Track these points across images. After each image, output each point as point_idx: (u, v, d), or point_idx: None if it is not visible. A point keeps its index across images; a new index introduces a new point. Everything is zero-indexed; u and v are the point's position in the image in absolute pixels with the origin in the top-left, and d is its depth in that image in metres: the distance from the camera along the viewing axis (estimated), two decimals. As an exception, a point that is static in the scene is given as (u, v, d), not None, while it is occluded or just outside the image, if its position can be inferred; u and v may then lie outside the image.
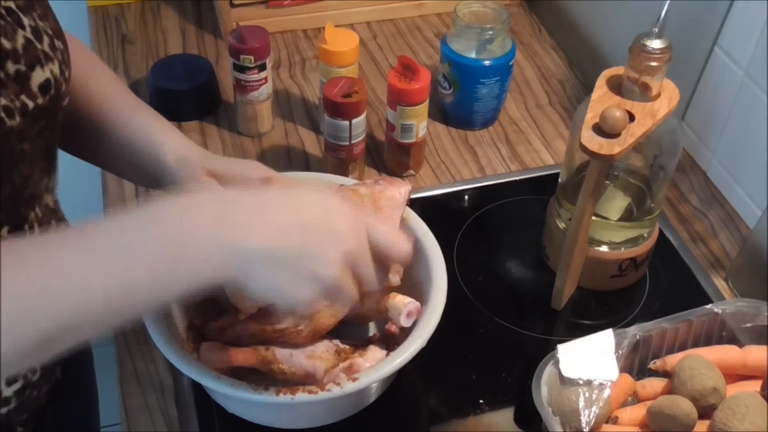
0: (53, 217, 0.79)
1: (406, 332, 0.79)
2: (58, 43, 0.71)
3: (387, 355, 0.78)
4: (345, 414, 0.81)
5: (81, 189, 1.31)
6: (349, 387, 0.72)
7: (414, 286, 0.84)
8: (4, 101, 0.64)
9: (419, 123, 1.06)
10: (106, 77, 0.85)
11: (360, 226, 0.63)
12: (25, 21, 0.67)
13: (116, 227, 0.58)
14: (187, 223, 0.58)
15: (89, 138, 0.82)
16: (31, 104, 0.67)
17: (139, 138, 0.80)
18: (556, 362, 0.78)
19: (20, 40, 0.65)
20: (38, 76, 0.67)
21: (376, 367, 0.75)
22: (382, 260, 0.67)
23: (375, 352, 0.79)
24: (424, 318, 0.78)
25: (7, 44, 0.64)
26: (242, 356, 0.78)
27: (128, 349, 0.90)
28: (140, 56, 1.30)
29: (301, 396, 0.72)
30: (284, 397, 0.71)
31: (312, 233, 0.60)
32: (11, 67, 0.64)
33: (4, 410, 0.77)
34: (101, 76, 0.84)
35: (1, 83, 0.64)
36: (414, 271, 0.84)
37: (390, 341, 0.82)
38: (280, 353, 0.78)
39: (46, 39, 0.69)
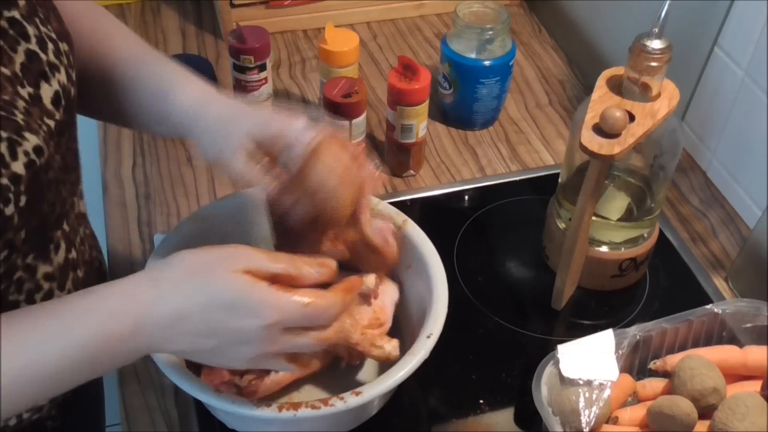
0: (82, 224, 0.79)
1: (407, 333, 0.79)
2: (62, 46, 0.69)
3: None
4: (347, 427, 0.80)
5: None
6: (353, 401, 0.72)
7: (414, 296, 0.84)
8: (35, 140, 0.62)
9: (419, 123, 1.06)
10: (121, 31, 0.82)
11: (271, 328, 0.62)
12: (30, 30, 0.65)
13: (40, 338, 0.61)
14: (106, 336, 0.61)
15: (107, 92, 0.79)
16: (52, 123, 0.66)
17: (160, 83, 0.77)
18: (556, 362, 0.78)
19: (20, 59, 0.63)
20: (47, 91, 0.65)
21: (379, 380, 0.74)
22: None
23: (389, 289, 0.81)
24: (426, 328, 0.77)
25: (6, 71, 0.62)
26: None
27: (128, 349, 0.90)
28: (140, 56, 1.30)
29: (305, 411, 0.71)
30: (287, 413, 0.70)
31: (222, 338, 0.63)
32: (24, 92, 0.63)
33: (36, 416, 0.79)
34: (116, 30, 0.82)
35: (28, 112, 0.62)
36: (414, 281, 0.84)
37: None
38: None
39: (50, 46, 0.67)
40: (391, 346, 0.77)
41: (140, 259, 1.00)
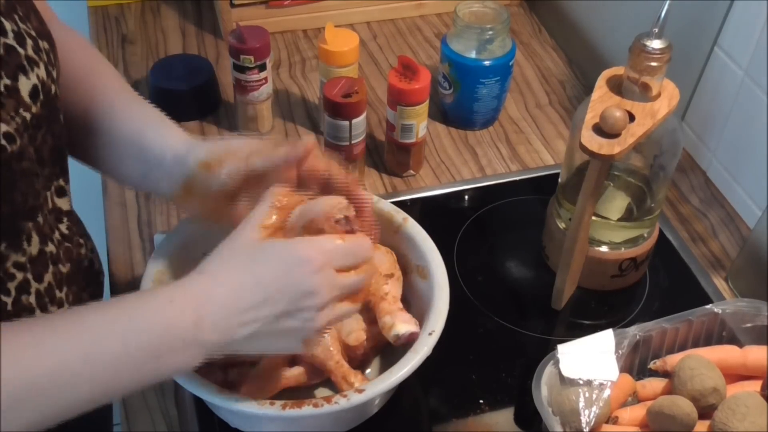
0: (63, 221, 0.78)
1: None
2: (42, 44, 0.69)
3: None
4: (348, 426, 0.80)
5: (81, 189, 1.31)
6: (356, 399, 0.72)
7: (415, 294, 0.84)
8: (5, 127, 0.63)
9: (419, 123, 1.06)
10: (108, 72, 0.83)
11: (323, 270, 0.66)
12: (7, 26, 0.65)
13: (102, 322, 0.61)
14: (167, 324, 0.62)
15: (86, 135, 0.80)
16: (28, 116, 0.66)
17: (140, 129, 0.78)
18: (556, 362, 0.78)
19: None
20: (25, 84, 0.66)
21: (382, 377, 0.74)
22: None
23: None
24: (428, 325, 0.77)
25: None
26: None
27: (128, 349, 0.90)
28: (140, 56, 1.30)
29: (308, 409, 0.71)
30: (291, 411, 0.71)
31: (287, 298, 0.65)
32: (0, 84, 0.63)
33: None
34: (103, 71, 0.83)
35: (1, 104, 0.63)
36: (414, 277, 0.84)
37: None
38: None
39: (29, 42, 0.67)
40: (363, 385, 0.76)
41: (140, 259, 1.00)
